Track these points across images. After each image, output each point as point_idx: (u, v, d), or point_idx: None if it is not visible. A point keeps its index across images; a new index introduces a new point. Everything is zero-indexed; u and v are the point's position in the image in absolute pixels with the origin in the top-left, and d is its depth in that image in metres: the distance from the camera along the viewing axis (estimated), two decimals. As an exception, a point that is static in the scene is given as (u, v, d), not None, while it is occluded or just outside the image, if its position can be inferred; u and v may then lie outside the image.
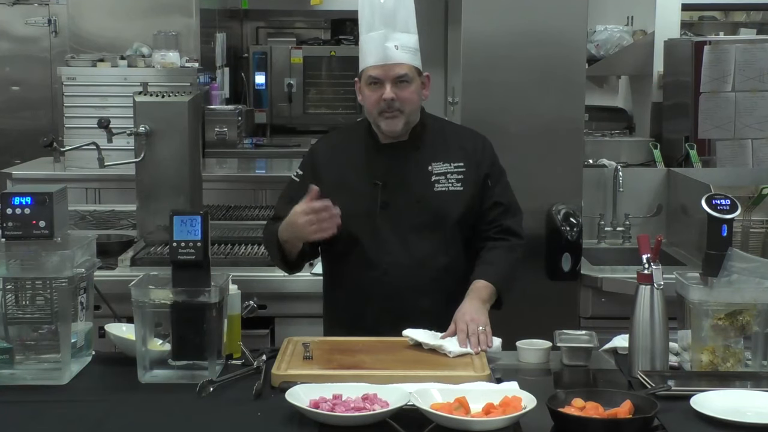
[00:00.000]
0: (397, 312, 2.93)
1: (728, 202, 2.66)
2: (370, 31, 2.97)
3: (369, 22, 2.97)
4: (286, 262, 3.04)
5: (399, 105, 2.93)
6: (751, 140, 4.66)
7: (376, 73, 2.94)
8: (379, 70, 2.93)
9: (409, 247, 2.97)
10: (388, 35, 2.94)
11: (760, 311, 2.56)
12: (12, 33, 7.21)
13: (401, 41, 2.94)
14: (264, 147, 7.04)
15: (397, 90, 2.93)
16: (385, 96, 2.92)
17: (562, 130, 3.90)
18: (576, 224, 3.86)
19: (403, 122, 2.96)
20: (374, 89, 2.95)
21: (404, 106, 2.94)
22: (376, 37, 2.95)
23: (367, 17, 2.98)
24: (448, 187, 2.99)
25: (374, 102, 2.95)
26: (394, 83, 2.93)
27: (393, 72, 2.93)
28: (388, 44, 2.93)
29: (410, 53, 2.96)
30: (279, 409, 2.30)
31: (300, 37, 8.45)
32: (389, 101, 2.92)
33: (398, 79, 2.93)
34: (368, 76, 2.96)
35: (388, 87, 2.92)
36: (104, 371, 2.64)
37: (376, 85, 2.94)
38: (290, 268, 3.08)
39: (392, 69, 2.93)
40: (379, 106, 2.94)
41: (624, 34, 5.40)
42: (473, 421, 2.18)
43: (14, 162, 6.29)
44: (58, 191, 2.65)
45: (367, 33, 2.97)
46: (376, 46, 2.94)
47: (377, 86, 2.94)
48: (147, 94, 4.20)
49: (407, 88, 2.94)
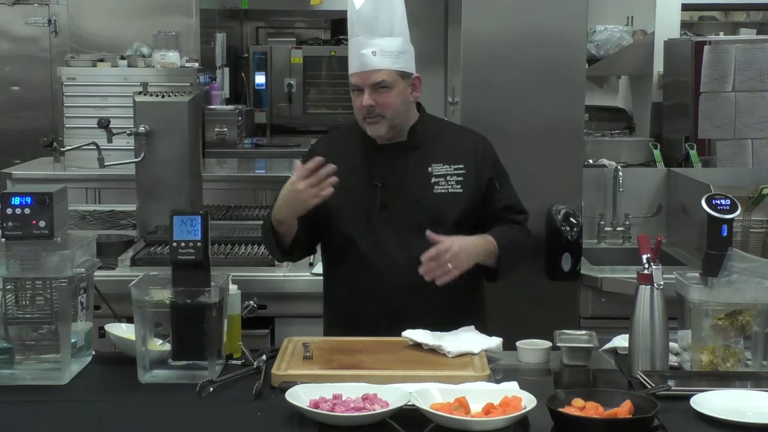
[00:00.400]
0: (396, 312, 2.93)
1: (728, 202, 2.66)
2: (351, 38, 3.00)
3: (351, 28, 3.02)
4: (281, 249, 3.02)
5: (379, 111, 2.95)
6: (751, 140, 4.66)
7: (355, 80, 2.97)
8: (357, 77, 2.97)
9: (408, 248, 2.97)
10: (365, 42, 2.96)
11: (760, 311, 2.56)
12: (12, 33, 7.20)
13: (380, 46, 2.94)
14: (264, 147, 7.05)
15: (376, 96, 2.94)
16: (363, 103, 2.94)
17: (562, 130, 3.89)
18: (576, 224, 3.86)
19: (386, 127, 2.98)
20: (357, 95, 2.98)
21: (385, 112, 2.95)
22: (354, 44, 2.98)
23: (349, 23, 3.03)
24: (448, 189, 2.99)
25: (358, 109, 2.99)
26: (373, 89, 2.94)
27: (370, 79, 2.94)
28: (364, 51, 2.94)
29: (390, 58, 2.95)
30: (279, 409, 2.30)
31: (300, 37, 8.46)
32: (368, 108, 2.94)
33: (376, 86, 2.94)
34: (351, 83, 2.99)
35: (366, 94, 2.94)
36: (104, 371, 2.64)
37: (359, 92, 2.97)
38: (285, 254, 3.06)
39: (369, 76, 2.94)
40: (361, 112, 2.96)
41: (624, 34, 5.40)
42: (473, 421, 2.18)
43: (14, 162, 6.29)
44: (58, 191, 2.65)
45: (350, 39, 3.01)
46: (354, 54, 2.98)
47: (359, 93, 2.97)
48: (147, 94, 4.20)
49: (386, 93, 2.95)
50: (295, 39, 8.35)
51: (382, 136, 3.00)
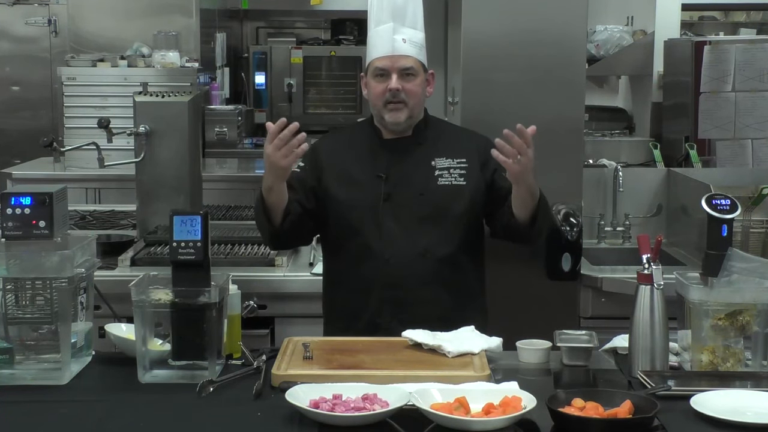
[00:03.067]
0: (398, 303, 2.94)
1: (728, 202, 2.66)
2: (378, 25, 3.03)
3: (378, 15, 3.04)
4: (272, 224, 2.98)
5: (404, 96, 2.97)
6: (751, 140, 4.66)
7: (383, 64, 2.98)
8: (386, 61, 2.98)
9: (412, 238, 2.98)
10: (396, 29, 3.00)
11: (760, 311, 2.56)
12: (12, 33, 7.20)
13: (409, 36, 3.00)
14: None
15: (403, 82, 2.98)
16: (392, 86, 2.96)
17: (562, 130, 3.89)
18: (576, 224, 3.86)
19: (406, 115, 2.99)
20: (380, 81, 2.99)
21: (409, 99, 2.98)
22: (384, 30, 3.00)
23: (376, 11, 3.05)
24: (451, 181, 3.01)
25: (380, 93, 2.99)
26: (400, 75, 2.97)
27: (399, 63, 2.97)
28: (396, 36, 2.99)
29: (417, 48, 3.02)
30: (279, 409, 2.30)
31: (300, 37, 8.45)
32: (395, 92, 2.96)
33: (404, 71, 2.98)
34: (375, 68, 3.01)
35: (394, 78, 2.97)
36: (104, 371, 2.63)
37: (383, 77, 2.99)
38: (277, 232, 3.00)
39: (399, 60, 2.98)
40: (384, 97, 2.98)
41: (624, 34, 5.40)
42: (473, 421, 2.18)
43: (14, 162, 6.29)
44: (58, 191, 2.65)
45: (376, 27, 3.03)
46: (384, 39, 2.99)
47: (383, 78, 2.99)
48: (147, 94, 4.20)
49: (413, 80, 2.99)
50: (295, 39, 8.35)
51: (400, 124, 3.01)
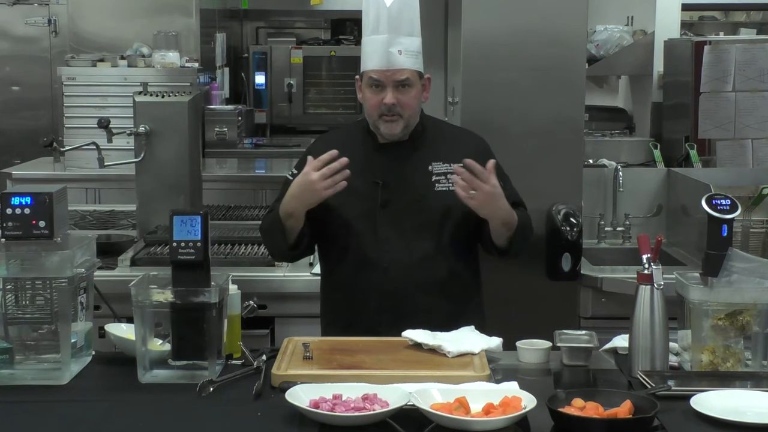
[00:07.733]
0: (397, 310, 2.93)
1: (728, 202, 2.66)
2: (374, 34, 2.97)
3: (374, 24, 2.97)
4: (287, 244, 3.00)
5: (399, 110, 2.95)
6: (751, 140, 4.66)
7: (378, 76, 2.95)
8: (381, 73, 2.94)
9: (410, 245, 2.97)
10: (391, 40, 2.94)
11: (760, 311, 2.56)
12: (12, 33, 7.20)
13: (405, 46, 2.95)
14: (264, 147, 7.04)
15: (398, 94, 2.94)
16: (386, 101, 2.93)
17: (562, 130, 3.89)
18: (576, 224, 3.86)
19: (402, 126, 2.98)
20: (375, 92, 2.96)
21: (404, 111, 2.96)
22: (380, 40, 2.95)
23: (372, 19, 2.98)
24: (449, 187, 2.99)
25: (375, 105, 2.96)
26: (396, 87, 2.94)
27: (395, 77, 2.94)
28: (391, 49, 2.94)
29: (413, 57, 2.96)
30: (279, 409, 2.30)
31: (300, 37, 8.46)
32: (390, 106, 2.93)
33: (399, 84, 2.94)
34: (369, 78, 2.97)
35: (389, 92, 2.94)
36: (104, 371, 2.63)
37: (378, 88, 2.95)
38: (290, 249, 3.02)
39: (394, 74, 2.94)
40: (379, 109, 2.95)
41: (624, 34, 5.40)
42: (473, 421, 2.18)
43: (14, 162, 6.29)
44: (58, 191, 2.65)
45: (371, 35, 2.98)
46: (379, 50, 2.94)
47: (378, 89, 2.95)
48: (147, 94, 4.20)
49: (408, 92, 2.96)
50: (295, 39, 8.35)
51: (396, 135, 2.99)
